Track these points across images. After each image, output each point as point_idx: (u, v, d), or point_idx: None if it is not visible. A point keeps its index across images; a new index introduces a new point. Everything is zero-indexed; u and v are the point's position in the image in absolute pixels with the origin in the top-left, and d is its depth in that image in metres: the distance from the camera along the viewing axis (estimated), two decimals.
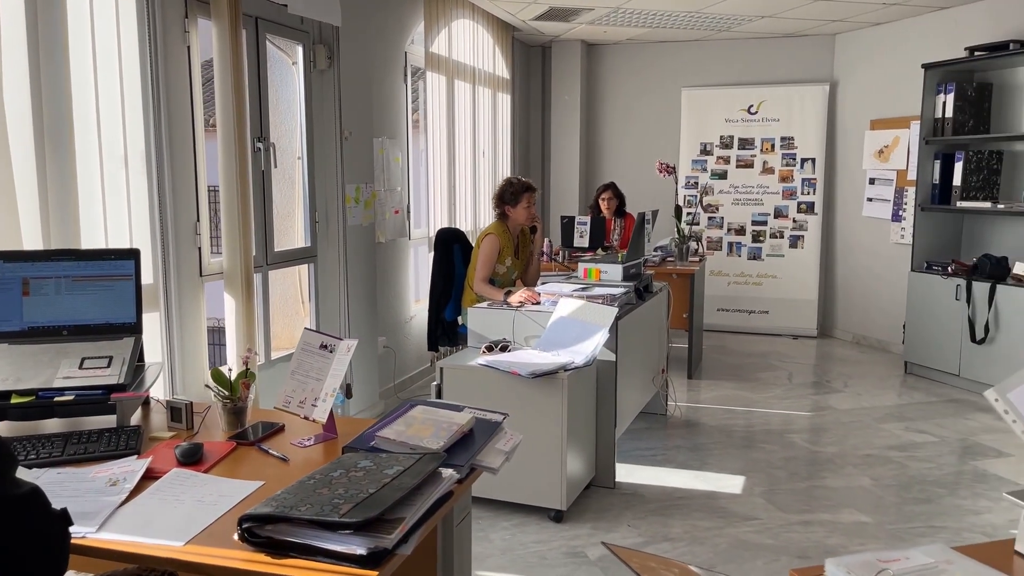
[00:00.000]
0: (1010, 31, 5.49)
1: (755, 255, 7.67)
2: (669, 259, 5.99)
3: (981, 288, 5.35)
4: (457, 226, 5.87)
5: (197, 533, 1.48)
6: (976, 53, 5.54)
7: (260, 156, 3.82)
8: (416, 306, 5.60)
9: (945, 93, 5.75)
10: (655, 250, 6.17)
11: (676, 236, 6.03)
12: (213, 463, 1.84)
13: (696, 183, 7.76)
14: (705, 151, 7.76)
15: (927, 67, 5.82)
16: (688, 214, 7.51)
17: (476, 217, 6.34)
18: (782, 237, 7.58)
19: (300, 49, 4.20)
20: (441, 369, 3.47)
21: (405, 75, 5.39)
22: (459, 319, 4.56)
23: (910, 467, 4.06)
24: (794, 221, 7.53)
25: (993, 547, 1.38)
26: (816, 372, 6.20)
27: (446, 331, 4.60)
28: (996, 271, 5.32)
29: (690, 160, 7.78)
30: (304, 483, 1.55)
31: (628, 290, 3.98)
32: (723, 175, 7.72)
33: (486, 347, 3.60)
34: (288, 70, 4.28)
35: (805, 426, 4.77)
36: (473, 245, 4.52)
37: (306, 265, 4.36)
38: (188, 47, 3.32)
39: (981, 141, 5.71)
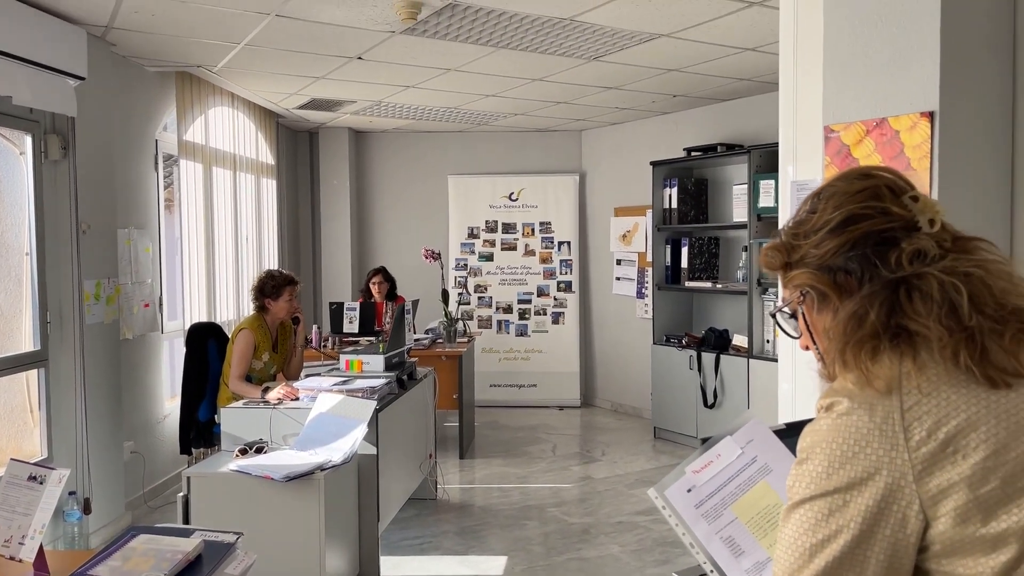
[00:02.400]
0: (719, 136, 6.41)
1: (522, 332, 8.09)
2: (439, 341, 6.15)
3: (709, 358, 6.05)
4: (219, 317, 5.64)
5: None
6: (692, 153, 6.39)
7: None
8: (170, 404, 5.26)
9: (670, 187, 6.55)
10: (425, 332, 6.33)
11: (444, 319, 6.23)
12: None
13: (466, 265, 8.09)
14: (472, 235, 8.14)
15: (655, 164, 6.61)
16: (459, 295, 7.80)
17: (239, 307, 6.14)
18: (545, 314, 8.08)
19: (29, 139, 3.92)
20: (188, 478, 3.29)
21: (156, 163, 5.18)
22: (215, 418, 4.36)
23: (653, 530, 4.43)
24: (555, 299, 8.07)
25: None
26: (579, 442, 6.61)
27: (201, 432, 4.37)
28: (720, 342, 6.06)
29: (459, 243, 8.12)
30: None
31: (390, 380, 4.04)
32: (490, 257, 8.12)
33: (240, 450, 3.47)
34: (15, 161, 3.96)
35: (565, 498, 5.05)
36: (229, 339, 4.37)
37: (35, 370, 3.97)
38: None
39: (702, 229, 6.54)
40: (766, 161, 5.68)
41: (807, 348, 1.12)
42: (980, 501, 0.88)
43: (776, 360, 5.43)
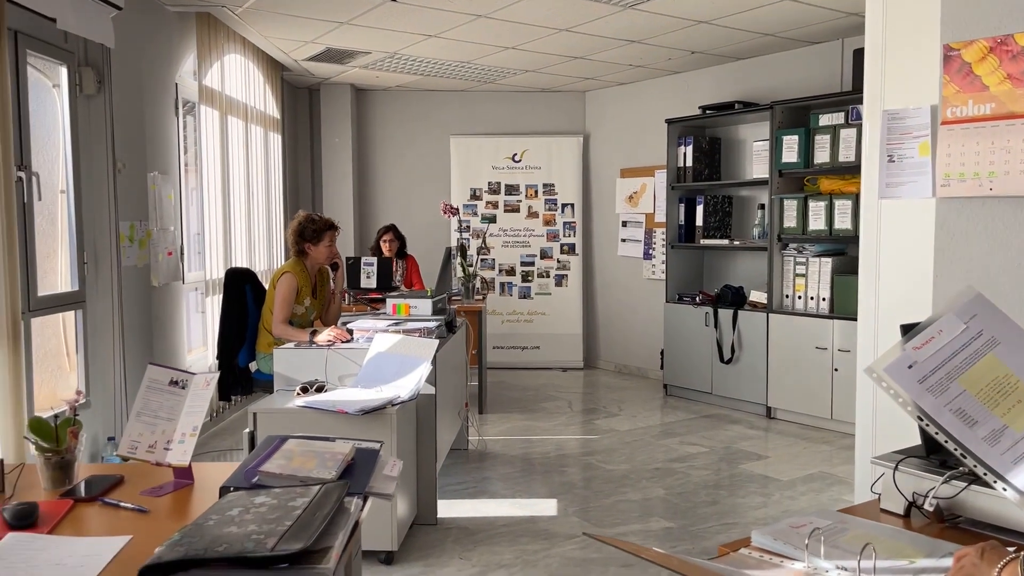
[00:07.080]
0: (735, 93, 6.43)
1: (525, 294, 8.07)
2: (456, 297, 6.10)
3: (726, 314, 6.11)
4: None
5: None
6: (707, 111, 6.40)
7: (23, 187, 3.32)
8: (190, 356, 5.13)
9: (685, 145, 6.57)
10: None
11: (461, 275, 6.17)
12: (53, 524, 1.55)
13: (468, 227, 8.01)
14: (475, 196, 8.07)
15: (670, 122, 6.61)
16: (471, 254, 7.72)
17: (252, 258, 6.00)
18: (548, 276, 8.07)
19: (64, 70, 3.74)
20: (255, 415, 3.21)
21: (177, 107, 5.01)
22: (252, 365, 4.27)
23: (692, 475, 4.48)
24: (558, 261, 8.06)
25: (864, 507, 1.59)
26: (590, 400, 6.64)
27: (239, 379, 4.27)
28: (736, 299, 6.12)
29: (462, 204, 8.04)
30: (202, 525, 1.37)
31: (440, 323, 4.00)
32: (493, 219, 8.06)
33: (301, 388, 3.40)
34: (47, 93, 3.78)
35: (595, 448, 5.07)
36: (266, 286, 4.27)
37: (72, 312, 3.83)
38: None
39: (716, 187, 6.58)
40: (788, 117, 5.72)
41: None
42: None
43: (798, 314, 5.54)
